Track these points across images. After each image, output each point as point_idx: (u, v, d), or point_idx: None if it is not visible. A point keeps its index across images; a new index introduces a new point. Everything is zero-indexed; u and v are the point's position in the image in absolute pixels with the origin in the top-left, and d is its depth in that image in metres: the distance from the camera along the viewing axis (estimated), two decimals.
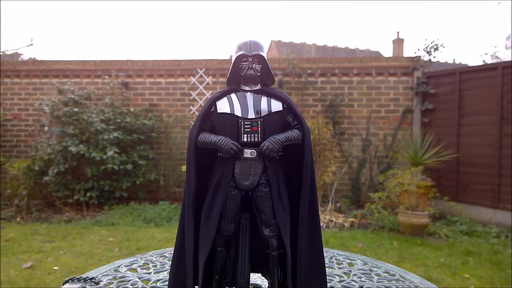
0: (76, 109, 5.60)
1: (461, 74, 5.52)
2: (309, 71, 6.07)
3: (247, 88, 1.00)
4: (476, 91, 5.37)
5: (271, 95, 0.98)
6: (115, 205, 5.79)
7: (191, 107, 6.31)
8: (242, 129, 0.93)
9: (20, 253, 3.96)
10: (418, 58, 5.97)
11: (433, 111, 5.87)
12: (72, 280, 1.27)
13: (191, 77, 6.30)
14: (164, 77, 6.36)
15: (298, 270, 0.92)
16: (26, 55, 12.10)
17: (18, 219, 5.30)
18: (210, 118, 0.99)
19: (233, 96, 0.98)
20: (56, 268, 3.59)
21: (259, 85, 1.01)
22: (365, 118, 6.11)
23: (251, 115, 0.95)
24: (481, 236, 4.67)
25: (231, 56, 1.01)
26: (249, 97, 0.98)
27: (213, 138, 0.95)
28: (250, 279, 1.03)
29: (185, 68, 6.30)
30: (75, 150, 5.35)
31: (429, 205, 4.94)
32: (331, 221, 5.12)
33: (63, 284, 1.26)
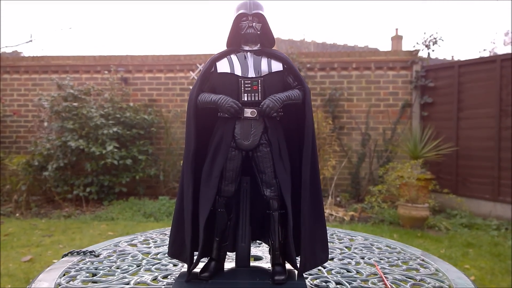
0: (75, 104, 5.59)
1: (460, 67, 5.52)
2: (308, 66, 6.07)
3: (247, 48, 0.99)
4: (475, 84, 5.37)
5: (271, 55, 0.98)
6: (115, 200, 5.78)
7: None
8: (243, 88, 0.93)
9: (19, 247, 3.95)
10: (416, 51, 5.97)
11: (432, 104, 5.88)
12: (71, 253, 1.27)
13: (191, 72, 6.30)
14: (164, 72, 6.36)
15: (302, 231, 0.91)
16: (25, 53, 12.10)
17: (17, 214, 5.30)
18: (210, 79, 0.98)
19: (233, 56, 0.97)
20: (55, 261, 3.57)
21: (259, 45, 1.00)
22: (365, 112, 6.11)
23: (251, 74, 0.95)
24: (481, 228, 4.67)
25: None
26: (249, 57, 0.97)
27: (213, 97, 0.94)
28: (251, 251, 1.03)
29: (184, 63, 6.29)
30: (75, 145, 5.34)
31: (429, 198, 4.94)
32: (331, 215, 5.11)
33: (62, 257, 1.26)
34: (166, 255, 1.23)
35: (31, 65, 6.53)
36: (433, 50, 5.85)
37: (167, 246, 1.28)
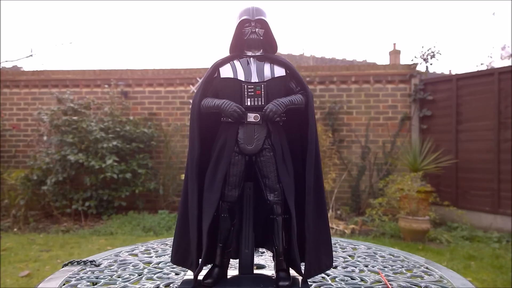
0: (75, 118, 5.60)
1: (458, 81, 5.57)
2: (307, 79, 6.11)
3: (249, 54, 1.00)
4: (473, 97, 5.40)
5: (274, 60, 0.99)
6: (114, 214, 5.74)
7: None
8: (246, 93, 0.93)
9: (17, 262, 3.90)
10: (415, 65, 6.03)
11: (431, 117, 5.90)
12: (71, 263, 1.26)
13: (191, 86, 6.33)
14: (164, 86, 6.40)
15: (306, 236, 0.90)
16: (25, 67, 12.16)
17: (15, 229, 5.25)
18: (213, 84, 0.99)
19: (236, 62, 0.98)
20: None
21: (262, 50, 1.01)
22: (364, 125, 6.13)
23: (255, 79, 0.95)
24: (482, 241, 4.64)
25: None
26: (252, 62, 0.98)
27: (217, 101, 0.94)
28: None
29: (184, 77, 6.34)
30: (74, 159, 5.33)
31: (429, 210, 4.91)
32: (332, 228, 5.08)
33: (62, 267, 1.25)
34: (168, 264, 1.22)
35: (31, 79, 6.57)
36: (431, 64, 5.91)
37: (170, 253, 1.28)
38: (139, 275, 1.11)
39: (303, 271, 0.92)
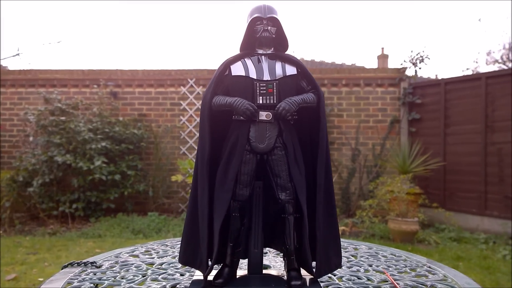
0: (63, 118, 5.51)
1: (446, 85, 5.66)
2: None
3: (261, 52, 0.99)
4: (461, 101, 5.50)
5: (285, 59, 0.98)
6: (102, 216, 5.65)
7: (181, 117, 6.29)
8: (258, 91, 0.93)
9: (3, 265, 3.81)
10: (404, 69, 6.11)
11: (420, 120, 5.98)
12: (71, 264, 1.23)
13: (181, 87, 6.30)
14: (154, 86, 6.34)
15: (317, 234, 0.90)
16: (12, 67, 11.91)
17: (0, 232, 5.13)
18: (224, 82, 0.98)
19: (247, 59, 0.98)
20: (41, 279, 3.46)
21: (273, 49, 1.01)
22: (354, 128, 6.18)
23: (267, 77, 0.95)
24: (469, 242, 4.72)
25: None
26: (264, 60, 0.98)
27: (229, 99, 0.94)
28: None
29: (175, 78, 6.30)
30: (61, 160, 5.24)
31: (418, 212, 4.98)
32: None
33: (62, 269, 1.22)
34: (171, 265, 1.20)
35: (18, 79, 6.44)
36: (420, 68, 5.99)
37: (172, 254, 1.26)
38: (143, 276, 1.09)
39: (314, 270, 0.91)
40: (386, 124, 6.15)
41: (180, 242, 1.49)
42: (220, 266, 0.96)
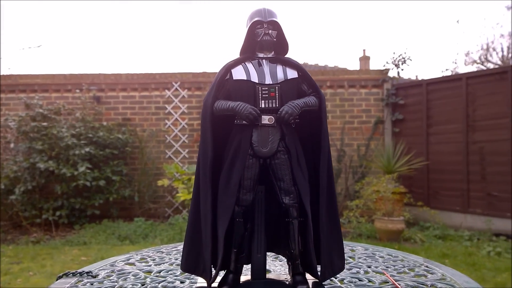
0: (45, 124, 5.39)
1: (428, 85, 5.77)
2: None
3: (261, 55, 0.99)
4: (442, 101, 5.61)
5: (286, 62, 0.99)
6: (87, 223, 5.55)
7: (166, 121, 6.23)
8: (260, 95, 0.93)
9: None
10: (387, 70, 6.21)
11: (403, 121, 6.08)
12: (66, 275, 1.20)
13: (166, 91, 6.24)
14: (138, 90, 6.27)
15: (321, 238, 0.90)
16: None
17: None
18: (225, 86, 0.98)
19: (248, 63, 0.97)
20: None
21: (273, 52, 1.01)
22: (339, 129, 6.24)
23: (268, 81, 0.95)
24: (454, 239, 4.81)
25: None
26: (265, 64, 0.97)
27: (231, 104, 0.93)
28: None
29: (159, 82, 6.24)
30: (44, 166, 5.13)
31: (403, 211, 5.05)
32: None
33: (57, 280, 1.19)
34: (170, 272, 1.19)
35: None
36: (402, 69, 6.10)
37: (175, 259, 1.24)
38: (143, 285, 1.07)
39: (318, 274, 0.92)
40: (371, 125, 6.23)
41: (173, 248, 1.48)
42: (221, 273, 0.95)
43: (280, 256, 1.27)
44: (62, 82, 6.27)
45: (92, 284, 1.11)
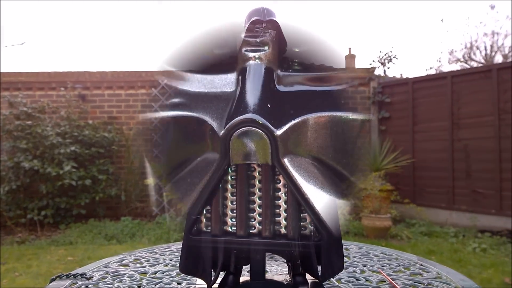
0: (29, 122, 5.29)
1: (414, 84, 5.85)
2: None
3: None
4: (428, 99, 5.70)
5: None
6: (72, 223, 5.48)
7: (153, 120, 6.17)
8: None
9: None
10: (373, 69, 6.27)
11: (389, 119, 6.16)
12: (60, 277, 1.18)
13: (153, 89, 6.19)
14: (124, 88, 6.20)
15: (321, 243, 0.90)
16: None
17: None
18: None
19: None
20: None
21: None
22: None
23: None
24: (440, 236, 4.89)
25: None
26: None
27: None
28: None
29: (146, 80, 6.17)
30: (28, 165, 5.04)
31: (390, 208, 5.12)
32: None
33: (50, 283, 1.16)
34: (166, 273, 1.18)
35: None
36: (388, 68, 6.17)
37: (164, 266, 1.23)
38: (139, 287, 1.06)
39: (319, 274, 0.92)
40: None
41: (167, 249, 1.46)
42: (218, 274, 0.94)
43: (275, 256, 1.27)
44: (46, 80, 6.15)
45: (87, 287, 1.09)
